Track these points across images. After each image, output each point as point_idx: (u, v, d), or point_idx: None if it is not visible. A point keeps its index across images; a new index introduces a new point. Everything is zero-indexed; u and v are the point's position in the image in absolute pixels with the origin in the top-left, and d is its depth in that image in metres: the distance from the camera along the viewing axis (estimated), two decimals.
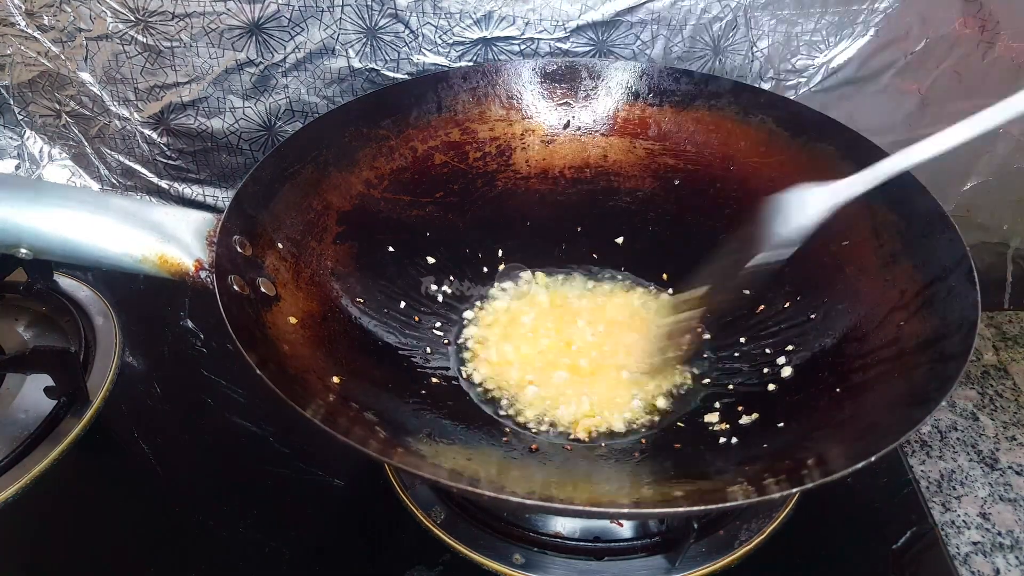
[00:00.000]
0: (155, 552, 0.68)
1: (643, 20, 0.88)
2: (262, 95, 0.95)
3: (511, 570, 0.66)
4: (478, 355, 0.78)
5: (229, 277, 0.62)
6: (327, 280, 0.74)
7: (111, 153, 1.02)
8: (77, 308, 0.89)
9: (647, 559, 0.67)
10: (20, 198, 0.63)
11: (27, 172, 1.04)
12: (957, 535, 0.72)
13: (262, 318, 0.63)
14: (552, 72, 0.89)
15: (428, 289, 0.83)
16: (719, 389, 0.74)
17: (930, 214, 0.69)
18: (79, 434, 0.76)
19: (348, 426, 0.58)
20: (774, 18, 0.88)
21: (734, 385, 0.74)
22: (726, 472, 0.62)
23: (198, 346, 0.89)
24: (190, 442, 0.78)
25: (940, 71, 0.90)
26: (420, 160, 0.85)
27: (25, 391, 0.79)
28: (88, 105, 0.98)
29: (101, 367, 0.83)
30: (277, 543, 0.68)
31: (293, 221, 0.73)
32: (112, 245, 0.63)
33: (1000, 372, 0.89)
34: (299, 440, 0.77)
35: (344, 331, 0.72)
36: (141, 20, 0.90)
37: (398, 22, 0.89)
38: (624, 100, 0.89)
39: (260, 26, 0.89)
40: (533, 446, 0.69)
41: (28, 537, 0.69)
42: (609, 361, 0.77)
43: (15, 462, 0.73)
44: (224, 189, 1.05)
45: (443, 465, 0.59)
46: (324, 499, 0.73)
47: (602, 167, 0.90)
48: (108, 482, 0.75)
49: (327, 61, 0.92)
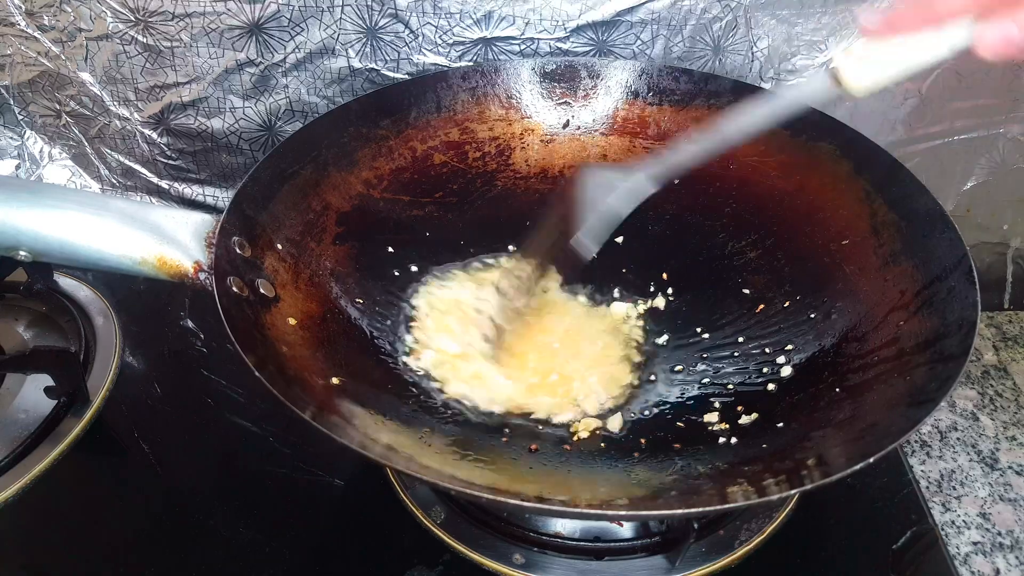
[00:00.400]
0: (155, 552, 0.68)
1: (643, 20, 0.88)
2: (262, 95, 0.95)
3: (511, 570, 0.66)
4: None
5: (228, 278, 0.62)
6: (326, 281, 0.74)
7: (111, 153, 1.02)
8: (77, 308, 0.89)
9: (647, 559, 0.67)
10: (19, 200, 0.63)
11: (27, 172, 1.04)
12: (957, 535, 0.72)
13: (261, 319, 0.63)
14: (551, 71, 0.89)
15: None
16: (718, 389, 0.74)
17: (930, 214, 0.69)
18: (79, 434, 0.76)
19: (347, 427, 0.58)
20: (774, 18, 0.88)
21: (733, 385, 0.74)
22: (726, 472, 0.62)
23: (198, 346, 0.89)
24: (190, 442, 0.78)
25: (940, 71, 0.90)
26: (420, 160, 0.85)
27: (25, 391, 0.79)
28: (88, 105, 0.98)
29: (101, 367, 0.83)
30: (277, 543, 0.69)
31: (292, 222, 0.73)
32: (111, 247, 0.63)
33: (1000, 372, 0.89)
34: (299, 440, 0.77)
35: (343, 332, 0.72)
36: (141, 20, 0.90)
37: (398, 22, 0.89)
38: (623, 99, 0.89)
39: (260, 26, 0.89)
40: (532, 446, 0.69)
41: (28, 537, 0.69)
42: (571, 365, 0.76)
43: (15, 462, 0.73)
44: (224, 189, 1.05)
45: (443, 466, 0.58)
46: (324, 499, 0.73)
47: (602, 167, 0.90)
48: (108, 482, 0.75)
49: (327, 61, 0.92)
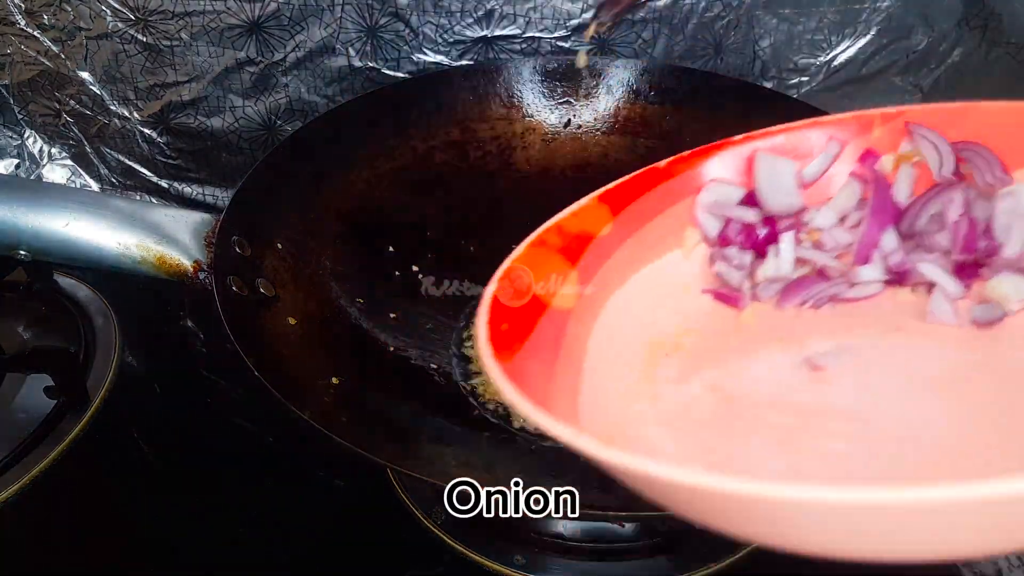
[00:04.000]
0: (154, 552, 0.68)
1: (645, 19, 0.88)
2: (262, 94, 0.95)
3: (512, 571, 0.66)
4: (477, 356, 0.78)
5: (228, 278, 0.62)
6: (326, 280, 0.74)
7: (111, 152, 1.02)
8: (77, 308, 0.89)
9: (648, 560, 0.67)
10: (18, 200, 0.63)
11: (27, 171, 1.04)
12: None
13: (261, 319, 0.63)
14: (553, 70, 0.89)
15: (427, 289, 0.82)
16: None
17: None
18: (78, 434, 0.76)
19: (347, 428, 0.58)
20: (776, 17, 0.88)
21: None
22: None
23: (198, 346, 0.88)
24: (190, 442, 0.78)
25: (942, 70, 0.90)
26: (420, 159, 0.85)
27: (25, 391, 0.79)
28: (88, 104, 0.98)
29: (101, 367, 0.83)
30: (277, 544, 0.68)
31: (292, 221, 0.73)
32: (110, 246, 0.63)
33: None
34: (299, 440, 0.77)
35: (343, 332, 0.72)
36: (141, 19, 0.89)
37: (399, 21, 0.89)
38: (625, 99, 0.89)
39: (260, 25, 0.89)
40: (533, 447, 0.69)
41: (27, 537, 0.69)
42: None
43: (14, 462, 0.73)
44: (224, 188, 1.04)
45: (443, 468, 0.58)
46: (324, 499, 0.73)
47: (603, 166, 0.89)
48: (108, 482, 0.75)
49: (327, 60, 0.92)
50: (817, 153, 0.50)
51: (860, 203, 0.48)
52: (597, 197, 0.48)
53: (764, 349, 0.45)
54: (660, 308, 0.48)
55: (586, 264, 0.46)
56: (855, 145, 0.49)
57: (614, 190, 0.49)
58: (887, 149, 0.49)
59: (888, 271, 0.45)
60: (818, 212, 0.48)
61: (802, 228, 0.48)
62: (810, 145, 0.50)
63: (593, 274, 0.47)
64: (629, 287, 0.48)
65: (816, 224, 0.48)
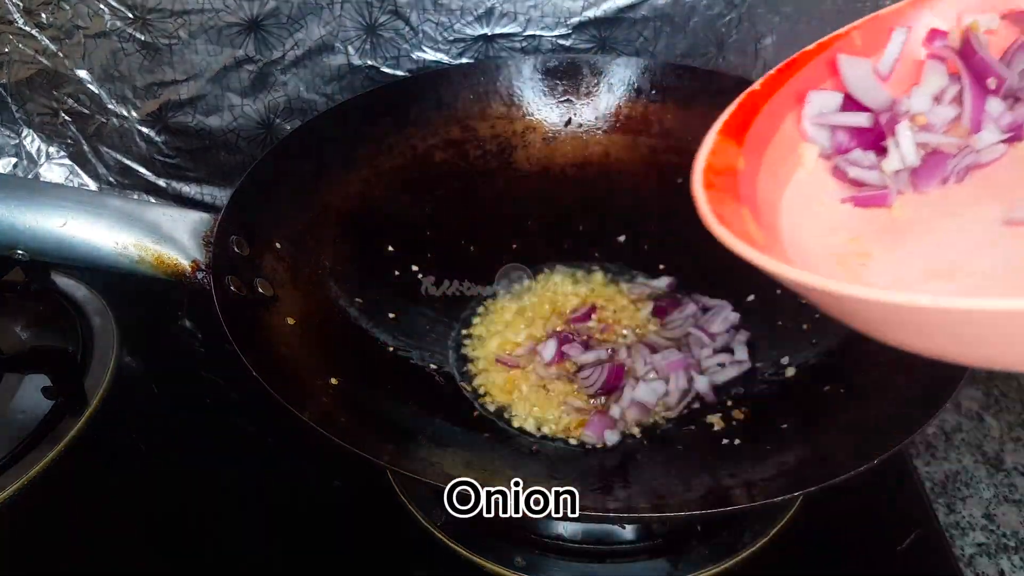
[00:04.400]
0: (153, 552, 0.68)
1: (646, 17, 0.88)
2: (261, 93, 0.94)
3: (512, 572, 0.66)
4: (477, 356, 0.78)
5: (226, 278, 0.62)
6: (325, 280, 0.73)
7: (109, 151, 1.02)
8: (75, 308, 0.89)
9: (649, 562, 0.67)
10: (16, 199, 0.63)
11: (25, 170, 1.04)
12: (962, 537, 0.71)
13: (259, 319, 0.63)
14: (553, 68, 0.88)
15: (427, 289, 0.82)
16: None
17: None
18: (77, 434, 0.76)
19: (346, 428, 0.57)
20: (778, 15, 0.87)
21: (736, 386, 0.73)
22: (728, 474, 0.62)
23: (196, 346, 0.88)
24: (188, 442, 0.78)
25: None
26: (420, 158, 0.85)
27: (23, 391, 0.79)
28: (86, 103, 0.97)
29: (99, 367, 0.83)
30: (277, 543, 0.68)
31: (291, 220, 0.73)
32: (108, 246, 0.63)
33: (1005, 372, 0.89)
34: (298, 440, 0.76)
35: (342, 332, 0.71)
36: (139, 17, 0.89)
37: (398, 19, 0.89)
38: (626, 97, 0.89)
39: (259, 23, 0.89)
40: (534, 447, 0.69)
41: (26, 538, 0.69)
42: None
43: (13, 463, 0.72)
44: (222, 187, 1.04)
45: (443, 469, 0.58)
46: (324, 500, 0.73)
47: (604, 165, 0.89)
48: (106, 482, 0.75)
49: (326, 58, 0.91)
50: (885, 46, 0.51)
51: (951, 79, 0.49)
52: (718, 132, 0.48)
53: (952, 224, 0.46)
54: (819, 226, 0.48)
55: (746, 196, 0.46)
56: (917, 29, 0.51)
57: (729, 121, 0.49)
58: (949, 24, 0.50)
59: (1005, 130, 0.47)
60: (909, 99, 0.49)
61: (902, 117, 0.49)
62: (876, 40, 0.51)
63: (757, 208, 0.46)
64: (785, 218, 0.48)
65: (915, 109, 0.49)
